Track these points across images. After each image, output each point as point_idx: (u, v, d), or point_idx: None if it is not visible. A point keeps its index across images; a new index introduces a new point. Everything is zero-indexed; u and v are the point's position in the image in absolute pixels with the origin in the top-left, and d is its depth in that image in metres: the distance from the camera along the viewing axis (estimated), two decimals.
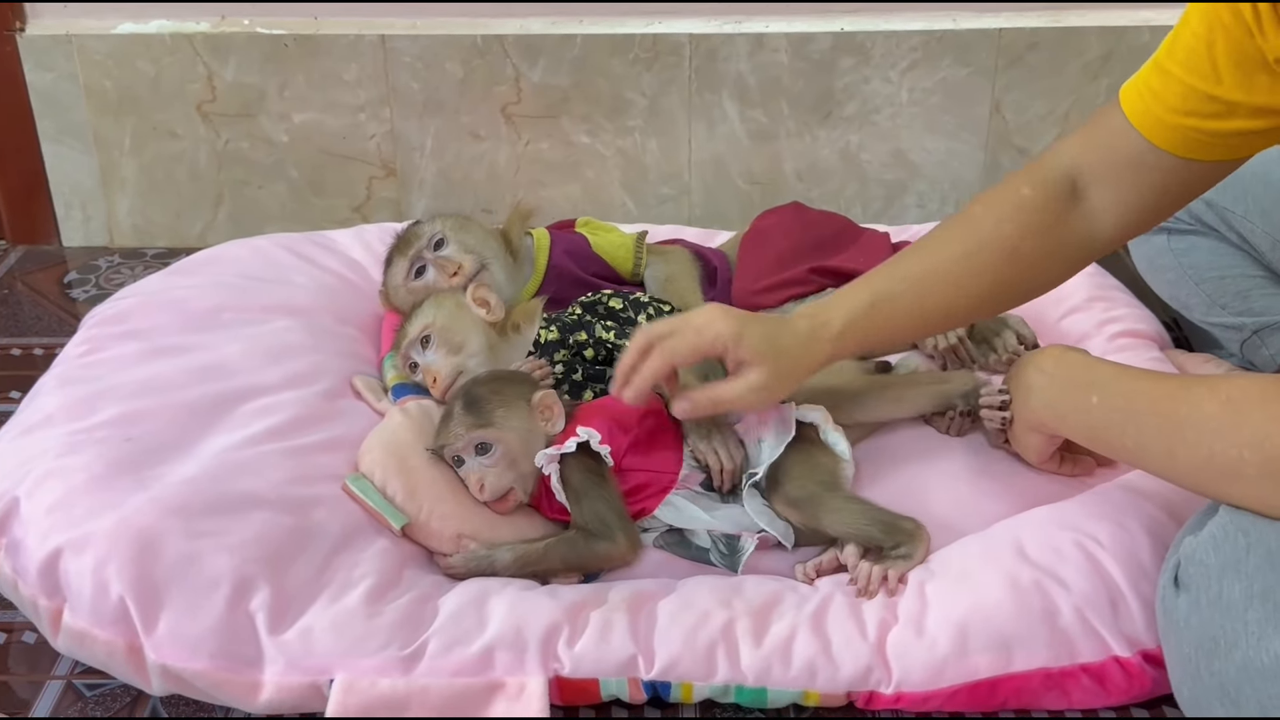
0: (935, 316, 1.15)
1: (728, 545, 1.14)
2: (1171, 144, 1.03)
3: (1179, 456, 0.95)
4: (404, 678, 1.00)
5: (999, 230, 1.10)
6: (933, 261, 1.12)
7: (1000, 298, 1.15)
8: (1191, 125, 1.00)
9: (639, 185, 1.85)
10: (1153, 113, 1.02)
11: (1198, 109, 0.99)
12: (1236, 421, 0.91)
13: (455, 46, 1.76)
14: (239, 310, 1.37)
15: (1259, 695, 0.84)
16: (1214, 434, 0.92)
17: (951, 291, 1.11)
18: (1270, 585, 0.86)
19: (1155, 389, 1.00)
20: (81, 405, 1.19)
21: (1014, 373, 1.15)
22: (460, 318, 1.28)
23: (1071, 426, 1.08)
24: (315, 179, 1.85)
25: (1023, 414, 1.14)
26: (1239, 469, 0.90)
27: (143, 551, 1.03)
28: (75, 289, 1.78)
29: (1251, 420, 0.90)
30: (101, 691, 1.07)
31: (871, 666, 1.02)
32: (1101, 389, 1.03)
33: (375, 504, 1.14)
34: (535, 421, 1.16)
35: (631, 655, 1.02)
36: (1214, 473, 0.93)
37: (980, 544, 1.11)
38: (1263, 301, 1.39)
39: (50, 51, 1.77)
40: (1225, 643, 0.86)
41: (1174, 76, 1.00)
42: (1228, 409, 0.92)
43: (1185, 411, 0.95)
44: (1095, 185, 1.09)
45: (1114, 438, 1.02)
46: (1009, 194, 1.11)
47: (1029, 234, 1.09)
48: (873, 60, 1.76)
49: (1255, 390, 0.92)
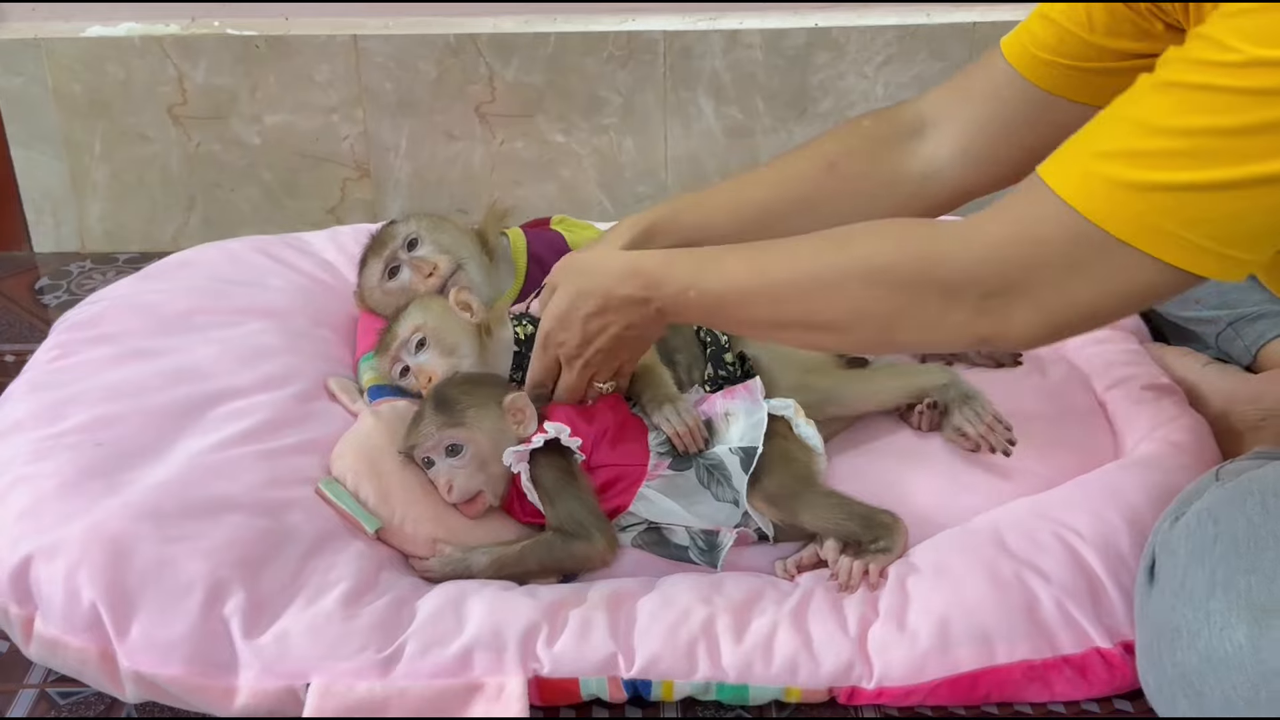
0: (749, 210, 1.15)
1: (706, 541, 1.13)
2: (1038, 77, 1.07)
3: (786, 299, 0.97)
4: (382, 680, 0.99)
5: (822, 145, 1.16)
6: (754, 172, 1.20)
7: (820, 208, 1.14)
8: (1063, 63, 1.05)
9: (615, 183, 1.85)
10: (1028, 51, 1.07)
11: (1070, 51, 1.04)
12: (842, 245, 0.96)
13: (428, 46, 1.75)
14: (212, 313, 1.35)
15: (1222, 685, 0.84)
16: (820, 263, 0.96)
17: (763, 192, 1.16)
18: (1233, 575, 0.86)
19: (746, 253, 1.03)
20: (51, 411, 1.17)
21: None
22: (451, 320, 1.27)
23: (692, 319, 1.12)
24: (288, 181, 1.84)
25: (650, 334, 1.13)
26: (843, 285, 0.94)
27: (114, 557, 1.01)
28: (46, 295, 1.76)
29: (859, 242, 0.96)
30: (75, 700, 1.06)
31: (853, 662, 1.01)
32: (693, 281, 1.02)
33: (348, 508, 1.13)
34: (507, 424, 1.15)
35: (611, 654, 1.01)
36: (822, 300, 0.95)
37: (960, 537, 1.11)
38: (1237, 294, 1.40)
39: (19, 55, 1.76)
40: (1188, 632, 0.87)
41: (1053, 21, 1.05)
42: (830, 240, 0.98)
43: (784, 256, 0.99)
44: (942, 122, 1.13)
45: (721, 316, 1.06)
46: (850, 122, 1.20)
47: (849, 153, 1.14)
48: (847, 56, 1.76)
49: (859, 226, 0.99)
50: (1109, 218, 0.82)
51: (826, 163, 1.14)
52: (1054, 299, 0.86)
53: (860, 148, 1.14)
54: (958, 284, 0.88)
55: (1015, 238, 0.86)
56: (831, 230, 1.00)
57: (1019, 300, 0.87)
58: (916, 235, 0.93)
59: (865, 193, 1.14)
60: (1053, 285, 0.85)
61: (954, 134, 1.12)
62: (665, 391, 1.20)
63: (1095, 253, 0.83)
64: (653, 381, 1.21)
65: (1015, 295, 0.87)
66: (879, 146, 1.14)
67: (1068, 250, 0.84)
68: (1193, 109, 0.79)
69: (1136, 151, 0.81)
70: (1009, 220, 0.88)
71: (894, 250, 0.93)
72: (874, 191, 1.14)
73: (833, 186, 1.14)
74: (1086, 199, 0.82)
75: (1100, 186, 0.82)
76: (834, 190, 1.14)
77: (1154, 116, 0.81)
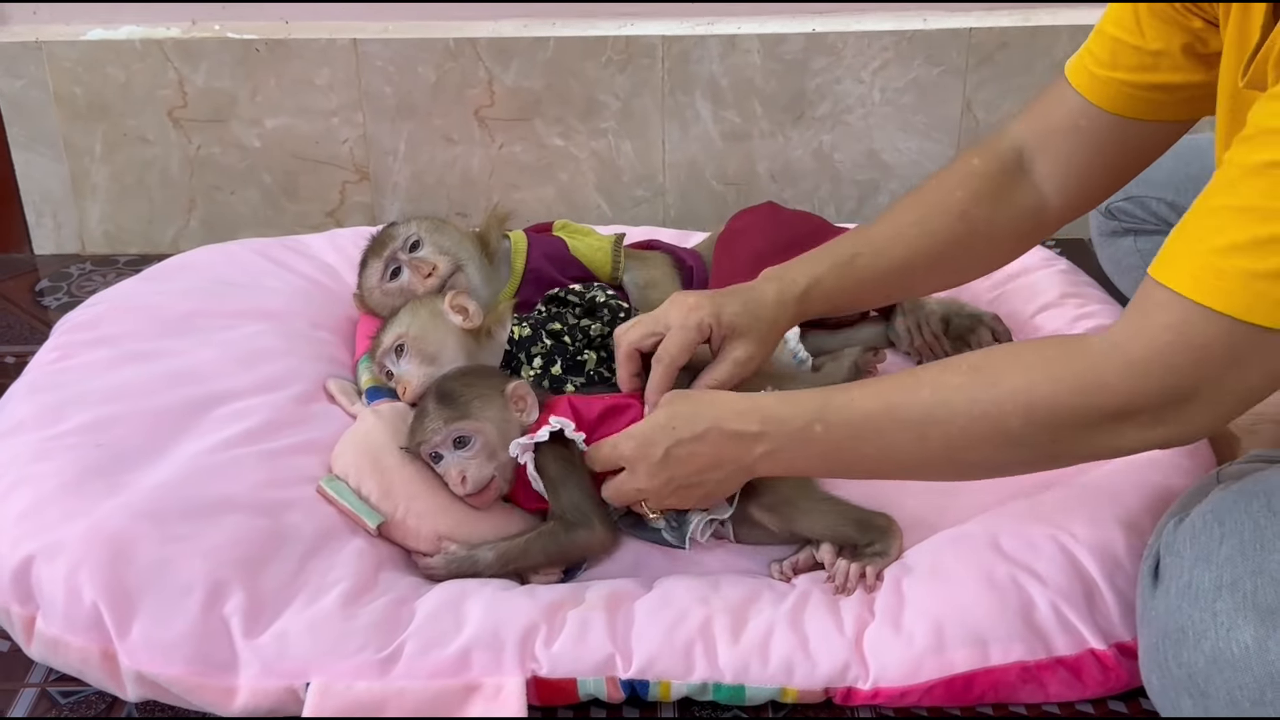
0: (894, 277, 1.18)
1: (676, 518, 1.14)
2: (1103, 99, 1.08)
3: (932, 438, 0.96)
4: (381, 680, 1.00)
5: (950, 196, 1.16)
6: (889, 227, 1.18)
7: (958, 261, 1.18)
8: (1120, 78, 1.06)
9: (613, 187, 1.85)
10: (1088, 69, 1.08)
11: (1125, 61, 1.05)
12: (991, 380, 0.94)
13: (427, 50, 1.76)
14: (212, 315, 1.36)
15: (1228, 685, 0.84)
16: (968, 401, 0.94)
17: (907, 252, 1.16)
18: (1240, 575, 0.86)
19: (875, 391, 1.01)
20: (52, 412, 1.18)
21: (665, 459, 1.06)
22: (435, 327, 1.27)
23: (801, 466, 1.06)
24: (288, 184, 1.85)
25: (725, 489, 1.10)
26: (1002, 425, 0.93)
27: (115, 557, 1.02)
28: (47, 297, 1.77)
29: (1007, 375, 0.94)
30: (76, 699, 1.07)
31: (849, 663, 1.02)
32: (819, 415, 1.01)
33: (350, 504, 1.13)
34: (510, 412, 1.16)
35: (609, 654, 1.02)
36: (974, 440, 0.94)
37: (956, 539, 1.11)
38: None
39: (20, 58, 1.76)
40: (1194, 633, 0.87)
41: (1105, 33, 1.07)
42: (976, 374, 0.96)
43: (926, 394, 0.97)
44: (1038, 155, 1.14)
45: (853, 452, 1.01)
46: (959, 165, 1.18)
47: (978, 199, 1.15)
48: (844, 61, 1.77)
49: (1000, 351, 0.99)
50: (1252, 310, 0.83)
51: (959, 212, 1.15)
52: (1223, 395, 0.88)
53: (984, 191, 1.15)
54: (1127, 408, 0.89)
55: (1172, 350, 0.87)
56: (957, 362, 1.00)
57: (1191, 405, 0.88)
58: (1066, 365, 0.92)
59: (993, 236, 1.17)
60: (1220, 384, 0.87)
61: (1050, 166, 1.14)
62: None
63: (1252, 346, 0.84)
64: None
65: (1187, 402, 0.88)
66: (998, 188, 1.15)
67: (1226, 351, 0.85)
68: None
69: (1259, 240, 0.82)
70: (1156, 335, 0.88)
71: (1048, 383, 0.92)
72: (1000, 233, 1.17)
73: (966, 235, 1.16)
74: (1228, 299, 0.83)
75: (1237, 283, 0.83)
76: (967, 238, 1.16)
77: (1264, 200, 0.82)
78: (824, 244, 1.20)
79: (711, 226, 1.62)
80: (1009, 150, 1.16)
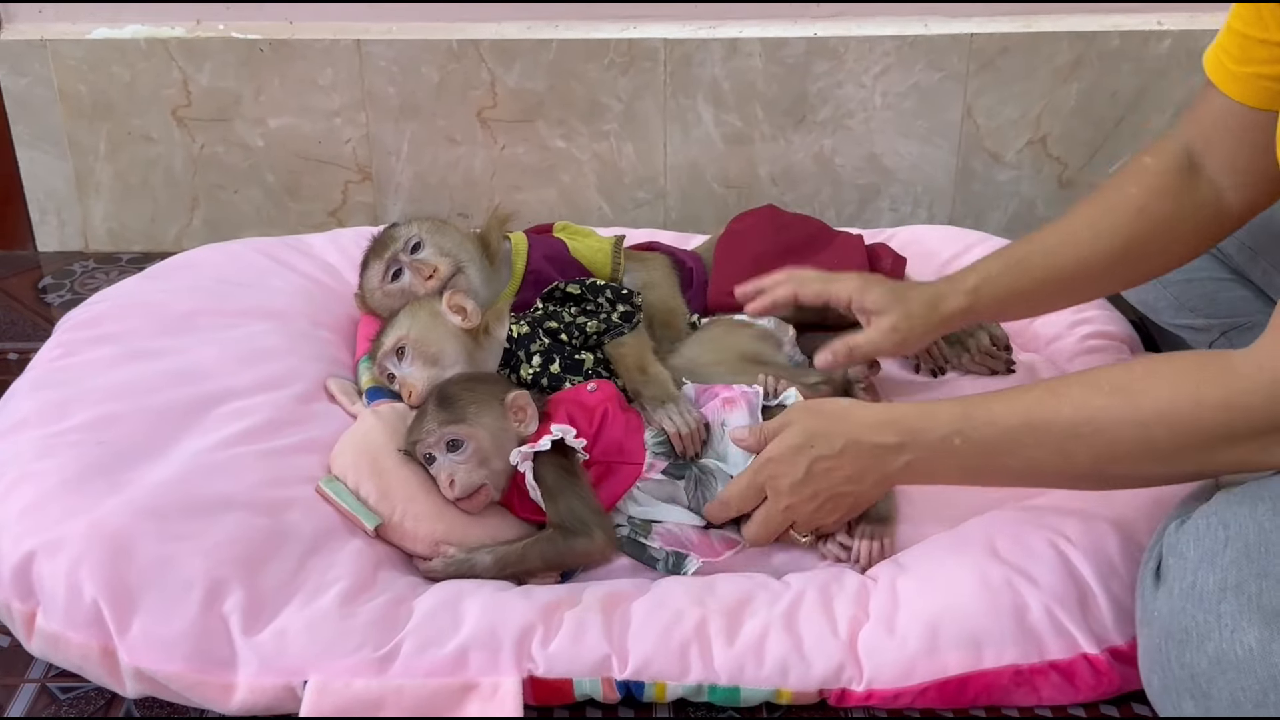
0: (1068, 278, 1.18)
1: (675, 562, 1.14)
2: (1244, 95, 1.09)
3: (1076, 453, 0.97)
4: (378, 679, 1.00)
5: (1124, 193, 1.16)
6: (1066, 229, 1.18)
7: (1136, 259, 1.18)
8: (1252, 72, 1.07)
9: (615, 189, 1.86)
10: (1224, 66, 1.09)
11: (1256, 55, 1.06)
12: (1134, 401, 0.95)
13: (431, 51, 1.76)
14: (214, 314, 1.37)
15: (1231, 687, 0.85)
16: (1113, 421, 0.95)
17: (1084, 252, 1.17)
18: (1245, 578, 0.86)
19: (1016, 407, 1.01)
20: (55, 409, 1.19)
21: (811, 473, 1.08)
22: (435, 328, 1.28)
23: (940, 476, 1.07)
24: (291, 184, 1.85)
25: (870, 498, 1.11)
26: (1149, 445, 0.94)
27: (116, 554, 1.03)
28: (50, 294, 1.77)
29: (1150, 394, 0.94)
30: (75, 694, 1.07)
31: (843, 664, 1.02)
32: (959, 428, 1.02)
33: (349, 506, 1.14)
34: (508, 421, 1.16)
35: (605, 655, 1.02)
36: (1119, 456, 0.95)
37: (951, 541, 1.12)
38: (1230, 304, 1.41)
39: (25, 56, 1.77)
40: (1198, 634, 0.87)
41: (1233, 30, 1.07)
42: (1119, 395, 0.96)
43: (1069, 412, 0.97)
44: (1205, 154, 1.15)
45: (993, 463, 1.02)
46: (1132, 165, 1.18)
47: (1154, 194, 1.15)
48: (846, 65, 1.77)
49: (1140, 369, 0.99)
50: None
51: (1136, 209, 1.15)
52: None
53: (1162, 187, 1.15)
54: (1273, 424, 0.91)
55: None
56: (1097, 379, 0.99)
57: None
58: (1210, 382, 0.93)
59: (1175, 233, 1.17)
60: None
61: (1219, 164, 1.14)
62: (665, 391, 1.21)
63: None
64: (652, 380, 1.22)
65: None
66: (1175, 184, 1.15)
67: None
68: None
69: None
70: None
71: (1192, 403, 0.93)
72: (1182, 228, 1.16)
73: (1146, 231, 1.15)
74: None
75: None
76: (1147, 234, 1.16)
77: None
78: (997, 250, 1.22)
79: (712, 229, 1.63)
80: (1178, 150, 1.15)
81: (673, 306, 1.41)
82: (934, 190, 1.85)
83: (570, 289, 1.35)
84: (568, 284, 1.35)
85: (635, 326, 1.31)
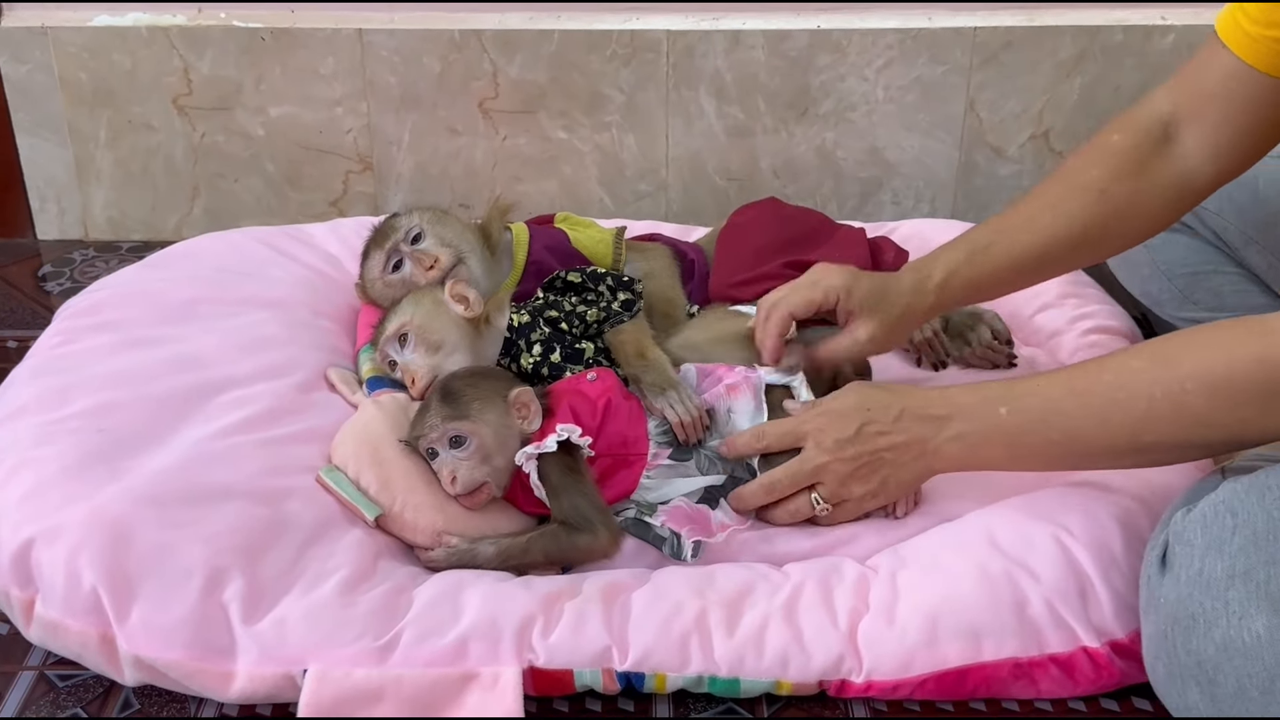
0: (1029, 261, 1.19)
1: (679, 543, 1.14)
2: (1257, 57, 1.07)
3: (1114, 420, 0.98)
4: (378, 668, 1.00)
5: (1087, 175, 1.16)
6: (1026, 211, 1.19)
7: (1096, 241, 1.18)
8: (1274, 36, 1.05)
9: (616, 181, 1.85)
10: (1240, 27, 1.08)
11: (1278, 19, 1.05)
12: (1171, 363, 0.96)
13: (433, 41, 1.76)
14: (214, 303, 1.36)
15: (1238, 674, 0.85)
16: (1150, 382, 0.96)
17: (1043, 237, 1.17)
18: (1253, 565, 0.86)
19: (1060, 374, 1.04)
20: (54, 396, 1.18)
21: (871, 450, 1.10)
22: (438, 316, 1.28)
23: (985, 453, 1.08)
24: (291, 173, 1.85)
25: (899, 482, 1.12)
26: (1184, 407, 0.94)
27: (115, 542, 1.02)
28: (50, 282, 1.77)
29: (1186, 355, 0.95)
30: (74, 682, 1.07)
31: (843, 655, 1.02)
32: (1004, 397, 1.04)
33: (349, 495, 1.14)
34: (511, 418, 1.16)
35: (606, 646, 1.02)
36: (1156, 419, 0.96)
37: (952, 533, 1.12)
38: (1234, 298, 1.41)
39: (25, 43, 1.77)
40: (1205, 620, 0.87)
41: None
42: (1157, 359, 0.97)
43: (1110, 378, 0.99)
44: (1186, 124, 1.14)
45: (1037, 436, 1.03)
46: (1099, 142, 1.18)
47: (1118, 176, 1.15)
48: (849, 58, 1.77)
49: (1178, 337, 0.99)
50: None
51: (1097, 192, 1.15)
52: None
53: (1124, 168, 1.15)
54: None
55: None
56: (1139, 348, 1.01)
57: None
58: (1243, 340, 0.93)
59: (1138, 211, 1.17)
60: None
61: (1202, 134, 1.14)
62: (666, 377, 1.21)
63: None
64: (651, 366, 1.22)
65: None
66: (1140, 163, 1.15)
67: None
68: None
69: None
70: None
71: (1226, 357, 0.93)
72: (1145, 207, 1.17)
73: (1106, 213, 1.16)
74: None
75: None
76: (1108, 216, 1.16)
77: None
78: (963, 233, 1.22)
79: (713, 221, 1.63)
80: (1152, 122, 1.15)
81: (672, 297, 1.41)
82: (936, 184, 1.85)
83: (571, 277, 1.34)
84: (568, 272, 1.35)
85: (636, 315, 1.31)
